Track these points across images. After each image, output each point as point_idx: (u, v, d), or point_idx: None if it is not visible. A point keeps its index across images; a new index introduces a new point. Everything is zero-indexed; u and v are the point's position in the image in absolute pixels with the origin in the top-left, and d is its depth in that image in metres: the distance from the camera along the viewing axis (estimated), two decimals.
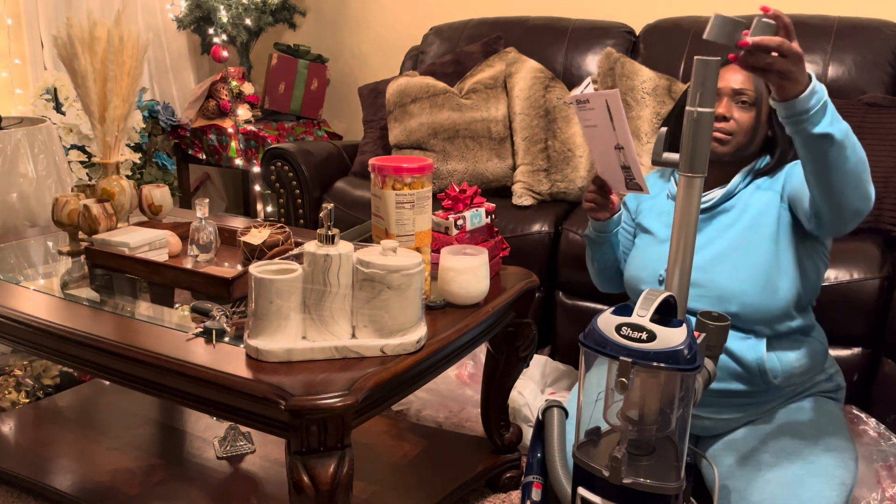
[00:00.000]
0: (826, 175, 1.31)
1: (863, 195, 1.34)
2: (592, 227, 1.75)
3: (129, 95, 2.07)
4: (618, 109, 1.41)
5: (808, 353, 1.55)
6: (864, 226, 2.15)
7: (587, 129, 1.53)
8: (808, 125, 1.24)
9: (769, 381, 1.50)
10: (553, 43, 2.91)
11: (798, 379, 1.55)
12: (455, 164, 2.67)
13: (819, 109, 1.23)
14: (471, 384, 2.25)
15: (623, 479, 1.15)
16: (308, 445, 1.25)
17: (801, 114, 1.23)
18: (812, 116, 1.23)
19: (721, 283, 1.51)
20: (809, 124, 1.24)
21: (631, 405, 1.20)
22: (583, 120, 1.52)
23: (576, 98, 1.49)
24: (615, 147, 1.48)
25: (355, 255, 1.36)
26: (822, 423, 1.51)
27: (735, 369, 1.50)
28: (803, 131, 1.25)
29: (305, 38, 3.81)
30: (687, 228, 1.28)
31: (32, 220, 2.48)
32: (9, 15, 3.18)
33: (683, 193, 1.26)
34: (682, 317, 1.29)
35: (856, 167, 1.29)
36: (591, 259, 1.84)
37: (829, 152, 1.26)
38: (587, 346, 1.18)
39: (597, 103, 1.44)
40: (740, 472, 1.45)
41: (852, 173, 1.30)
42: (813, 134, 1.24)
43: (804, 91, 1.22)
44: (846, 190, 1.32)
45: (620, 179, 1.55)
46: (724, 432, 1.57)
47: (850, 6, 2.62)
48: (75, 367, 1.82)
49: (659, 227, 1.67)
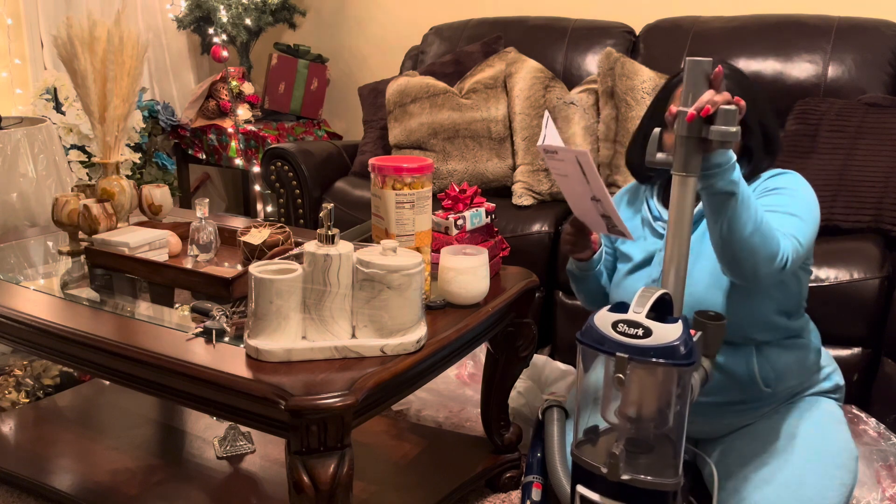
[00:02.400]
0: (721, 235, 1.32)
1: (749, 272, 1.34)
2: (575, 266, 1.69)
3: (129, 95, 2.07)
4: (590, 167, 1.35)
5: (798, 358, 1.54)
6: (864, 226, 2.15)
7: (559, 178, 1.45)
8: (720, 180, 1.28)
9: (761, 389, 1.49)
10: (553, 43, 2.91)
11: (792, 382, 1.54)
12: (455, 164, 2.67)
13: (731, 166, 1.28)
14: (471, 384, 2.26)
15: (621, 475, 1.15)
16: (308, 445, 1.26)
17: (717, 166, 1.27)
18: (725, 171, 1.28)
19: (701, 295, 1.47)
20: (721, 179, 1.28)
21: (629, 402, 1.21)
22: (553, 168, 1.44)
23: (543, 148, 1.41)
24: (591, 198, 1.42)
25: (355, 255, 1.36)
26: (821, 422, 1.51)
27: (726, 381, 1.48)
28: (710, 186, 1.29)
29: (305, 38, 3.81)
30: (681, 227, 1.28)
31: (32, 220, 2.48)
32: (9, 15, 3.18)
33: (678, 193, 1.27)
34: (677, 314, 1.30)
35: (750, 238, 1.30)
36: (578, 290, 1.77)
37: (727, 212, 1.29)
38: (584, 342, 1.19)
39: (567, 157, 1.37)
40: (740, 473, 1.45)
41: (746, 242, 1.31)
42: (723, 190, 1.28)
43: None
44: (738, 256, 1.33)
45: (601, 224, 1.48)
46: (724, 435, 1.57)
47: (850, 6, 2.62)
48: (75, 367, 1.82)
49: (636, 252, 1.61)
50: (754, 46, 2.54)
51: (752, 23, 2.63)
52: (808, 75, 2.47)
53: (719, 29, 2.66)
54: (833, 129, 2.25)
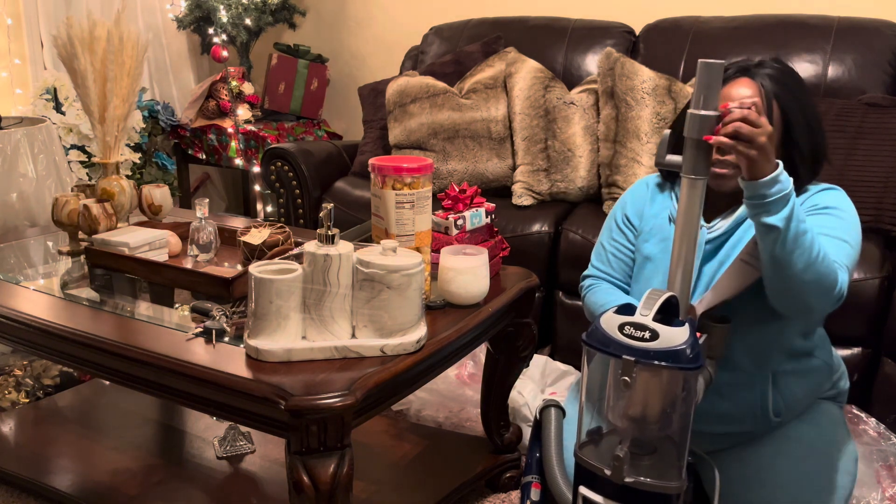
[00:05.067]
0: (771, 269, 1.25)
1: (801, 306, 1.28)
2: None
3: (129, 95, 2.07)
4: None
5: (811, 387, 1.48)
6: (864, 226, 2.14)
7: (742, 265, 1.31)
8: (761, 211, 1.20)
9: (770, 419, 1.45)
10: (553, 43, 2.91)
11: (802, 407, 1.49)
12: (455, 164, 2.67)
13: (779, 199, 1.19)
14: (471, 384, 2.25)
15: (625, 477, 1.15)
16: (308, 445, 1.25)
17: (758, 198, 1.20)
18: (769, 204, 1.20)
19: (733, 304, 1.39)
20: (763, 211, 1.20)
21: (633, 405, 1.20)
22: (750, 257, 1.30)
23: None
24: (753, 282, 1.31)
25: (355, 255, 1.36)
26: (822, 425, 1.50)
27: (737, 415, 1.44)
28: (757, 218, 1.22)
29: (305, 38, 3.81)
30: (689, 230, 1.27)
31: (32, 220, 2.48)
32: (9, 15, 3.18)
33: (686, 195, 1.25)
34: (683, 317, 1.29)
35: (801, 275, 1.23)
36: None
37: (775, 248, 1.21)
38: (590, 344, 1.18)
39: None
40: (740, 476, 1.45)
41: (796, 278, 1.23)
42: (763, 223, 1.21)
43: (767, 175, 1.19)
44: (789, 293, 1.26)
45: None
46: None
47: (850, 6, 2.62)
48: (75, 367, 1.82)
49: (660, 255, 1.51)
50: (754, 46, 2.54)
51: (752, 23, 2.63)
52: (808, 75, 2.47)
53: (719, 29, 2.66)
54: (833, 129, 2.25)
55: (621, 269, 1.61)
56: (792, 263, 1.21)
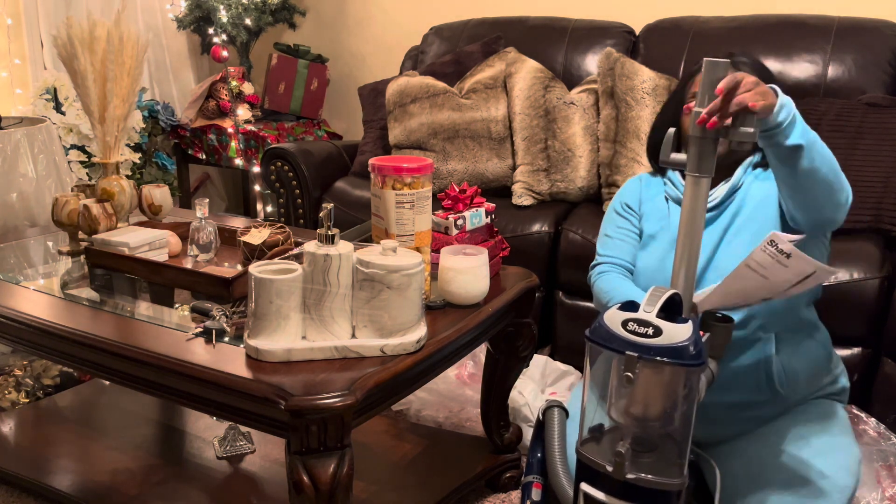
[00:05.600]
0: (800, 186, 1.35)
1: (835, 204, 1.38)
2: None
3: (129, 95, 2.07)
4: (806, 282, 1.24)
5: (812, 359, 1.54)
6: (864, 226, 2.15)
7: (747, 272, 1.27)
8: (781, 138, 1.28)
9: (775, 389, 1.48)
10: (553, 43, 2.91)
11: (803, 386, 1.53)
12: (455, 164, 2.67)
13: (790, 122, 1.27)
14: (471, 384, 2.25)
15: (626, 474, 1.15)
16: (308, 445, 1.25)
17: (774, 128, 1.27)
18: (784, 129, 1.27)
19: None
20: (782, 137, 1.28)
21: (635, 401, 1.20)
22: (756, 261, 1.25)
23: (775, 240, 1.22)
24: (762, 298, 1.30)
25: (355, 255, 1.36)
26: (825, 425, 1.50)
27: (741, 379, 1.48)
28: (777, 144, 1.29)
29: (305, 38, 3.81)
30: (693, 228, 1.27)
31: (32, 220, 2.48)
32: (9, 15, 3.18)
33: (690, 194, 1.26)
34: (686, 314, 1.30)
35: (827, 176, 1.33)
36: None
37: (802, 163, 1.30)
38: (594, 340, 1.18)
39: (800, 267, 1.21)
40: (743, 474, 1.45)
41: (824, 182, 1.34)
42: (786, 146, 1.28)
43: (774, 106, 1.25)
44: (819, 199, 1.36)
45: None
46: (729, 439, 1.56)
47: (850, 6, 2.63)
48: (75, 367, 1.82)
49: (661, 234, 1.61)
50: (754, 46, 2.54)
51: (752, 23, 2.63)
52: (808, 75, 2.47)
53: (719, 29, 2.66)
54: (833, 129, 2.25)
55: (629, 252, 1.68)
56: (817, 169, 1.31)
